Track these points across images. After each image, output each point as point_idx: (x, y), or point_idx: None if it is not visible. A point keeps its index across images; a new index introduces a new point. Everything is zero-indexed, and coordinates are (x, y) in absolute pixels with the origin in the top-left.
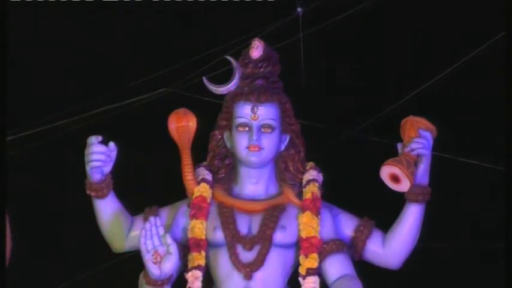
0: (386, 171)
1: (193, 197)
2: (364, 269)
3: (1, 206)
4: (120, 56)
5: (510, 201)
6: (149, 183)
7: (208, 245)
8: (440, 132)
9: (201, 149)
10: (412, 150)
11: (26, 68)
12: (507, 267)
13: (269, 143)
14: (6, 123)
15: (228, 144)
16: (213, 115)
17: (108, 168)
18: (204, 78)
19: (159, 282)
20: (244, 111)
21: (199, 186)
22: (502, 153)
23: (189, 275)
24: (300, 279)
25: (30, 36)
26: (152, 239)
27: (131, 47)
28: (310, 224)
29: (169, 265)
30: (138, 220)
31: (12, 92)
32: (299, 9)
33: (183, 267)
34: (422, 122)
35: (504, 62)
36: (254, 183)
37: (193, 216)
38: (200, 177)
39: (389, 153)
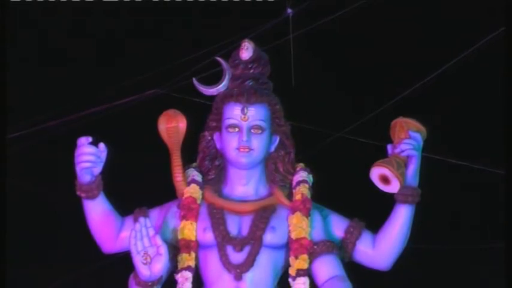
0: (376, 172)
1: (183, 198)
2: (355, 270)
3: (1, 206)
4: (111, 56)
5: (510, 202)
6: (139, 184)
7: (198, 246)
8: (432, 133)
9: (191, 150)
10: (402, 151)
11: (19, 68)
12: (507, 267)
13: (259, 144)
14: (6, 124)
15: (218, 145)
16: (203, 116)
17: (98, 169)
18: (194, 79)
19: (149, 283)
20: (234, 112)
21: (189, 187)
22: (501, 153)
23: (179, 276)
24: (290, 280)
25: (27, 36)
26: (142, 240)
27: (122, 48)
28: (300, 225)
29: (159, 266)
30: (128, 221)
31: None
32: (289, 11)
33: (173, 268)
34: (412, 123)
35: (504, 58)
36: (244, 184)
37: (183, 217)
38: (190, 179)
39: (380, 154)
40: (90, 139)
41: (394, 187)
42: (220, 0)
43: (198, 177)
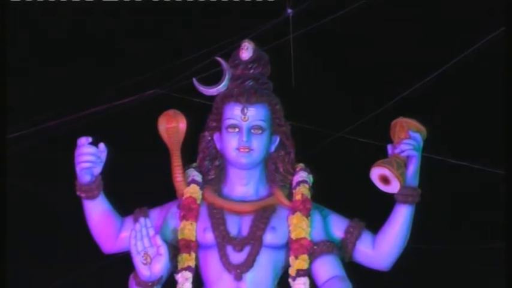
0: (376, 173)
1: (183, 198)
2: (355, 270)
3: (1, 206)
4: (111, 56)
5: (510, 202)
6: (139, 185)
7: (199, 246)
8: (432, 133)
9: (191, 150)
10: (402, 151)
11: (19, 68)
12: (507, 267)
13: (259, 144)
14: (6, 124)
15: (218, 146)
16: (203, 116)
17: (98, 170)
18: (194, 79)
19: (149, 284)
20: (234, 113)
21: (189, 187)
22: (501, 153)
23: (179, 276)
24: (290, 280)
25: (27, 36)
26: (142, 240)
27: (122, 48)
28: (300, 225)
29: (159, 266)
30: (128, 221)
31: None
32: (289, 11)
33: (173, 268)
34: (412, 123)
35: (504, 58)
36: (244, 185)
37: (183, 218)
38: (190, 179)
39: (380, 154)
40: (90, 139)
41: (394, 187)
42: (220, 0)
43: (198, 178)
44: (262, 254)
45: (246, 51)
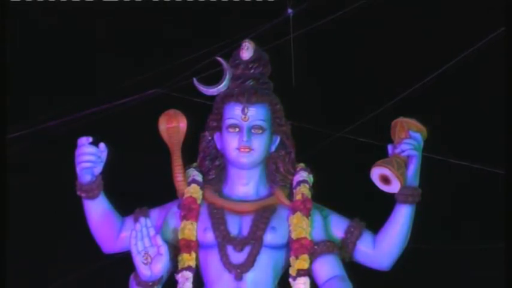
0: (376, 173)
1: (184, 198)
2: (355, 270)
3: (1, 206)
4: (111, 56)
5: (510, 202)
6: (140, 184)
7: (199, 246)
8: (432, 133)
9: (191, 150)
10: (402, 151)
11: (19, 68)
12: (507, 267)
13: (259, 144)
14: (6, 124)
15: (218, 145)
16: (204, 116)
17: (98, 169)
18: (194, 79)
19: (150, 283)
20: (235, 112)
21: (190, 187)
22: (501, 153)
23: (179, 276)
24: (291, 280)
25: (27, 36)
26: (143, 240)
27: (122, 47)
28: (300, 225)
29: (160, 266)
30: (129, 221)
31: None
32: (290, 11)
33: (174, 268)
34: (412, 123)
35: (504, 58)
36: (244, 184)
37: (184, 217)
38: (190, 179)
39: (380, 154)
40: (90, 139)
41: (394, 187)
42: (220, 0)
43: (199, 177)
44: (263, 254)
45: (247, 51)
